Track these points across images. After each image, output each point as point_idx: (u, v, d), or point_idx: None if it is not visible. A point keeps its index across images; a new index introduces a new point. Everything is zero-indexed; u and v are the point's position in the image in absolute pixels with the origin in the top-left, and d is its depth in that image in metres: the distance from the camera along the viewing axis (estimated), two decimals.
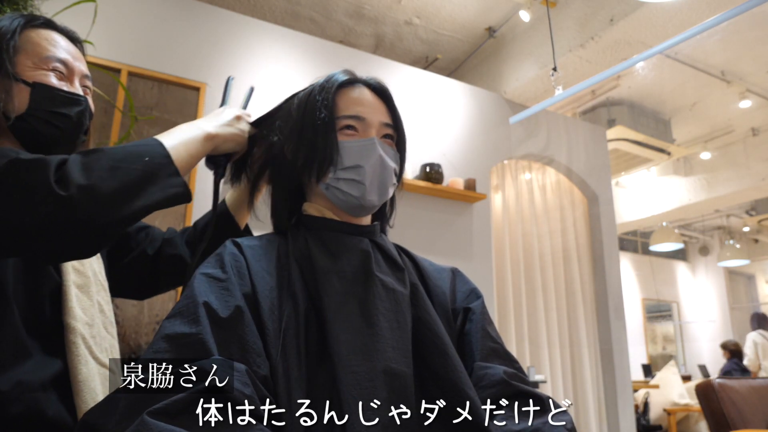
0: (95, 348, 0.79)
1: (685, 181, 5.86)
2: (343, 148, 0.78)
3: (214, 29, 2.70)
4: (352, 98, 0.82)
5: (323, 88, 0.82)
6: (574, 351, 3.68)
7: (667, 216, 6.34)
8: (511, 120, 3.14)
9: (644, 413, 4.74)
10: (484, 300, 0.85)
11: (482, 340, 0.77)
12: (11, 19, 0.82)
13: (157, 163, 0.72)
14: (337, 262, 0.75)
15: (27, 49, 0.81)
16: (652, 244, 6.56)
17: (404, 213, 3.00)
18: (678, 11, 2.78)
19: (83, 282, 0.82)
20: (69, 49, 0.86)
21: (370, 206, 0.80)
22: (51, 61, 0.82)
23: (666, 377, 4.80)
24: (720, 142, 5.42)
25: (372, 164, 0.78)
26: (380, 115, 0.82)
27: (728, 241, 7.30)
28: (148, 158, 0.71)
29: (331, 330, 0.67)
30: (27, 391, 0.70)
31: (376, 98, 0.84)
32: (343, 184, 0.78)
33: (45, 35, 0.84)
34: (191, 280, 0.68)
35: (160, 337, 0.61)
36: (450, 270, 0.89)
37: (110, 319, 0.87)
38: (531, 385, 0.75)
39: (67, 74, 0.84)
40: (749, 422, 1.30)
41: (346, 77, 0.84)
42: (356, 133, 0.80)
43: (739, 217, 7.57)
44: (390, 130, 0.83)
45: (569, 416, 0.69)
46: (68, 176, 0.64)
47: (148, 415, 0.51)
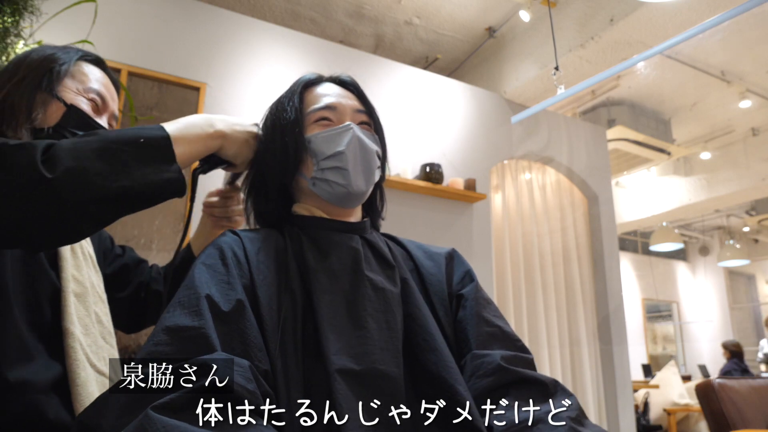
0: (92, 356, 0.80)
1: (685, 181, 5.86)
2: (319, 139, 0.79)
3: (214, 29, 2.70)
4: (318, 92, 0.84)
5: (290, 91, 0.85)
6: (574, 351, 3.68)
7: (667, 216, 6.34)
8: (512, 120, 3.14)
9: (644, 413, 4.74)
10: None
11: (477, 326, 0.76)
12: (68, 52, 0.91)
13: (153, 146, 0.70)
14: (327, 260, 0.75)
15: (75, 76, 0.89)
16: (652, 244, 6.56)
17: (404, 213, 2.99)
18: (678, 11, 2.78)
19: (81, 291, 0.83)
20: (109, 88, 0.94)
21: (359, 192, 0.80)
22: (91, 92, 0.89)
23: (666, 377, 4.79)
24: (720, 142, 5.42)
25: (352, 148, 0.79)
26: (352, 102, 0.84)
27: (728, 241, 7.30)
28: (143, 139, 0.69)
29: (321, 329, 0.67)
30: (31, 392, 0.70)
31: (345, 90, 0.86)
32: (328, 173, 0.78)
33: (94, 70, 0.92)
34: (192, 270, 0.68)
35: (160, 328, 0.60)
36: (446, 253, 0.88)
37: (109, 330, 0.88)
38: (532, 364, 0.73)
39: (101, 107, 0.91)
40: (749, 422, 1.30)
41: (311, 77, 0.86)
42: (331, 123, 0.81)
43: (739, 217, 7.58)
44: (364, 116, 0.84)
45: (574, 398, 0.66)
46: (56, 158, 0.63)
47: (152, 410, 0.51)
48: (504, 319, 0.80)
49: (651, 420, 4.69)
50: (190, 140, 0.76)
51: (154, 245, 2.42)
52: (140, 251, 2.39)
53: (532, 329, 3.55)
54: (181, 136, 0.74)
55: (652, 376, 5.92)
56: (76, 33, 2.10)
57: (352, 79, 0.87)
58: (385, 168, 0.88)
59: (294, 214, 0.83)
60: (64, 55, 0.89)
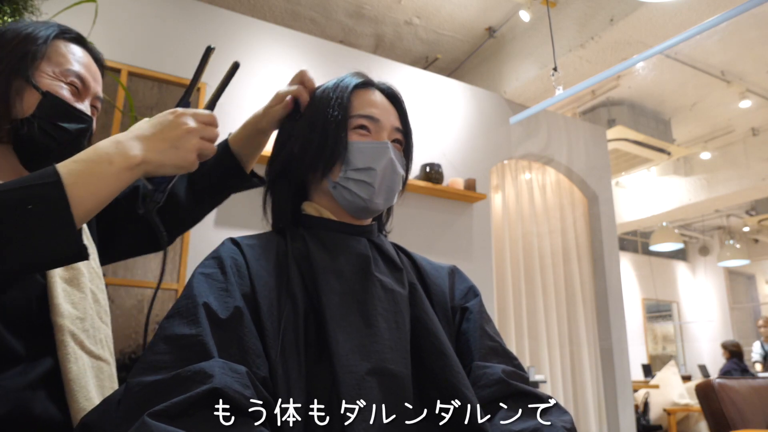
0: (87, 341, 0.77)
1: (685, 181, 5.86)
2: (355, 148, 0.78)
3: (214, 29, 2.70)
4: (367, 99, 0.82)
5: (337, 87, 0.82)
6: (574, 351, 3.68)
7: (667, 216, 6.34)
8: (511, 120, 3.14)
9: (644, 413, 4.74)
10: (484, 300, 0.85)
11: (480, 339, 0.77)
12: (46, 27, 0.82)
13: (44, 211, 0.60)
14: (336, 261, 0.75)
15: (51, 58, 0.81)
16: (652, 244, 6.57)
17: (404, 213, 2.99)
18: (678, 11, 2.78)
19: (72, 275, 0.79)
20: (90, 68, 0.86)
21: (375, 210, 0.80)
22: (70, 75, 0.81)
23: (666, 377, 4.80)
24: (720, 142, 5.42)
25: (383, 168, 0.78)
26: (393, 119, 0.83)
27: (728, 241, 7.31)
28: (31, 205, 0.59)
29: (329, 330, 0.67)
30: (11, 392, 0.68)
31: (389, 103, 0.84)
32: (352, 184, 0.78)
33: (72, 49, 0.84)
34: (190, 280, 0.68)
35: (159, 338, 0.61)
36: (449, 268, 0.89)
37: (105, 308, 0.85)
38: (530, 383, 0.75)
39: (81, 91, 0.84)
40: (749, 422, 1.30)
41: (361, 79, 0.84)
42: (369, 134, 0.80)
43: (739, 217, 7.58)
44: (400, 135, 0.83)
45: (569, 416, 0.69)
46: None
47: (148, 417, 0.51)
48: (502, 339, 0.81)
49: (651, 420, 4.69)
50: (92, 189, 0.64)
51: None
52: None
53: (532, 329, 3.55)
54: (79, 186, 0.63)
55: (652, 376, 5.92)
56: None
57: (398, 93, 0.86)
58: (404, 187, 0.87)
59: (302, 213, 0.83)
60: (42, 31, 0.80)
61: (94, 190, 0.64)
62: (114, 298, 2.28)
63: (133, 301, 2.32)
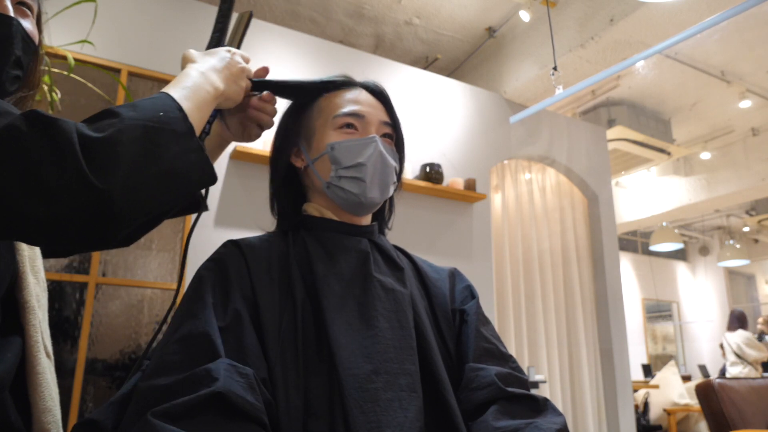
0: (44, 333, 0.71)
1: (685, 181, 5.86)
2: (342, 147, 0.79)
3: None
4: (349, 98, 0.83)
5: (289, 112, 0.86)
6: (574, 351, 3.68)
7: (667, 216, 6.34)
8: (511, 120, 3.14)
9: (644, 413, 4.74)
10: (483, 300, 0.86)
11: (476, 341, 0.77)
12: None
13: (186, 147, 0.59)
14: (336, 264, 0.75)
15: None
16: (652, 244, 6.56)
17: (404, 213, 2.99)
18: (678, 11, 2.78)
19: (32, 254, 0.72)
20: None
21: (371, 204, 0.80)
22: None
23: (666, 377, 4.80)
24: (720, 142, 5.42)
25: (373, 161, 0.78)
26: (380, 114, 0.83)
27: (728, 241, 7.30)
28: (177, 148, 0.58)
29: (330, 333, 0.67)
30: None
31: (375, 99, 0.85)
32: (344, 182, 0.78)
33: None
34: (191, 282, 0.69)
35: (171, 340, 0.62)
36: (449, 271, 0.89)
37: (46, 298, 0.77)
38: (526, 384, 0.75)
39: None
40: (749, 422, 1.30)
41: (342, 79, 0.85)
42: (356, 132, 0.80)
43: (739, 217, 7.58)
44: (389, 129, 0.84)
45: (562, 418, 0.68)
46: (104, 163, 0.52)
47: (151, 416, 0.52)
48: (500, 340, 0.81)
49: (651, 420, 4.69)
50: (202, 118, 0.65)
51: (153, 245, 2.42)
52: (140, 251, 2.39)
53: (531, 329, 3.55)
54: (196, 117, 0.63)
55: (652, 376, 5.92)
56: (76, 33, 2.10)
57: (383, 89, 0.87)
58: (400, 180, 0.88)
59: (303, 214, 0.84)
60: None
61: (199, 118, 0.64)
62: (114, 298, 2.28)
63: (133, 301, 2.32)
